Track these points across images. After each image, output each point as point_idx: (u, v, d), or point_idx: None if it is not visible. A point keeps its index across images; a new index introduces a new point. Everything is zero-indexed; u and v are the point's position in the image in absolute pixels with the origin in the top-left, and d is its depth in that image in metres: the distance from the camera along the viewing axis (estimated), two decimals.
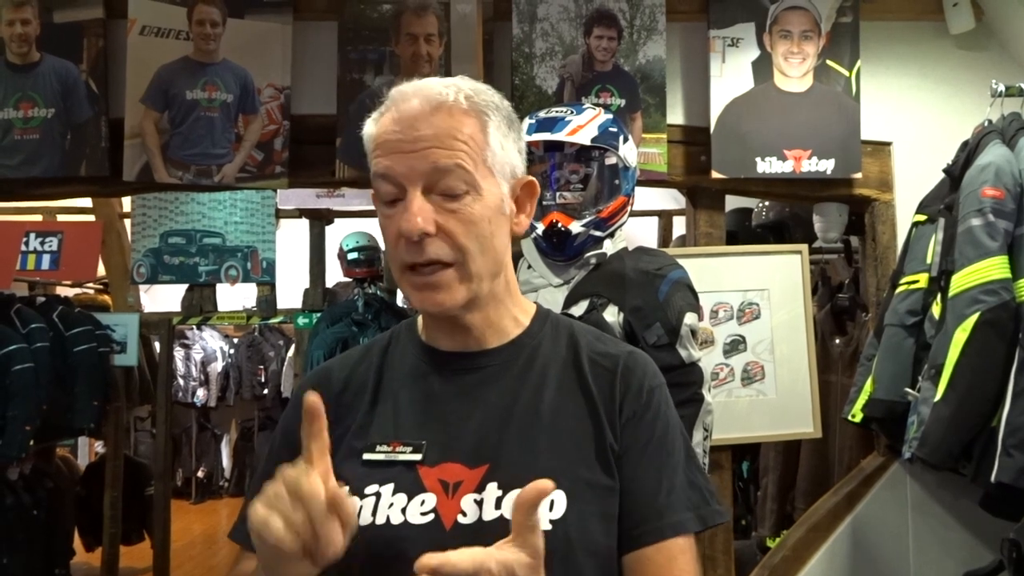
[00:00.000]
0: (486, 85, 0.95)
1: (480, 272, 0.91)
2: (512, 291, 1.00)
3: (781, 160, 2.39)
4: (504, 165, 0.93)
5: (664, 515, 0.92)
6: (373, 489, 0.91)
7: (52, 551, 3.67)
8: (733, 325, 2.44)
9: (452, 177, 0.88)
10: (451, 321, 0.96)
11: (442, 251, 0.89)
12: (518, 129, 0.97)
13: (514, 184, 0.95)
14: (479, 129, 0.90)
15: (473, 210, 0.89)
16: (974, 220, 1.94)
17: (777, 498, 3.07)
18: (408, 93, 0.91)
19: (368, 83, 2.37)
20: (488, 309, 0.96)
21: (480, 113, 0.91)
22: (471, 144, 0.89)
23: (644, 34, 2.42)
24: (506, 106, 0.96)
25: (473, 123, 0.90)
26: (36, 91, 2.32)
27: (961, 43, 2.47)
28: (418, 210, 0.87)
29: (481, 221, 0.90)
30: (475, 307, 0.94)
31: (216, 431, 6.89)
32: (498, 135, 0.92)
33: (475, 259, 0.90)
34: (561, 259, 1.79)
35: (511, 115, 0.96)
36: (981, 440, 1.89)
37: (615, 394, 0.95)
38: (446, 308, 0.91)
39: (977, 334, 1.87)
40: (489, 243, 0.91)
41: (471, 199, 0.89)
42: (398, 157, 0.88)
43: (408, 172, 0.88)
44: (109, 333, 3.56)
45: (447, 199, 0.88)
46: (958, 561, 2.27)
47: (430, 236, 0.88)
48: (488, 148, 0.90)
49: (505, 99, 0.97)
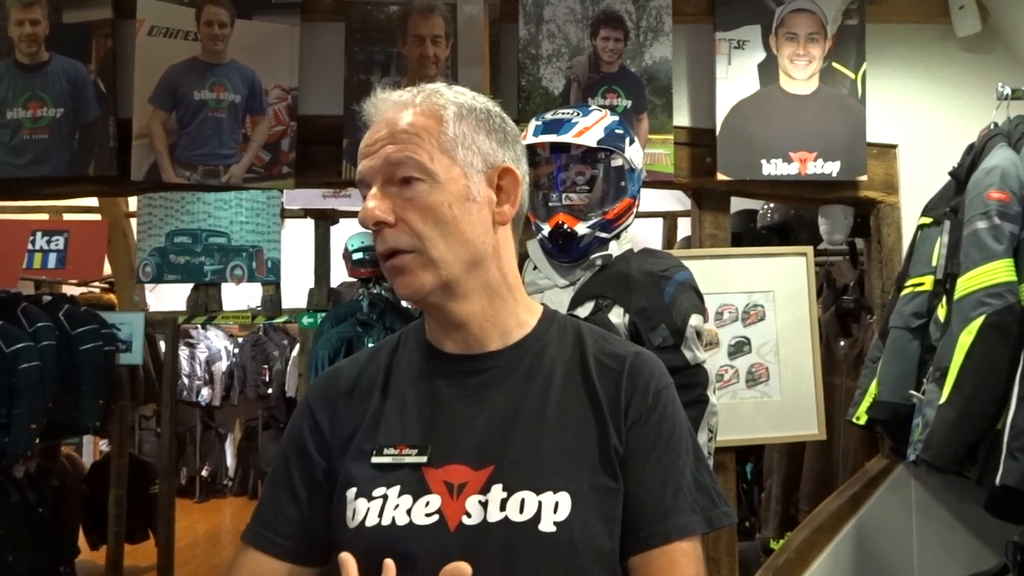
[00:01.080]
0: (460, 87, 0.99)
1: (444, 258, 0.92)
2: (514, 290, 1.00)
3: (787, 162, 2.39)
4: (469, 154, 0.94)
5: (669, 518, 0.93)
6: (380, 492, 0.91)
7: (57, 549, 3.69)
8: (738, 327, 2.44)
9: (403, 167, 0.91)
10: (444, 316, 0.97)
11: (399, 240, 0.92)
12: (499, 121, 0.98)
13: (490, 174, 0.96)
14: (435, 122, 0.93)
15: (430, 198, 0.91)
16: (980, 223, 1.94)
17: (781, 500, 3.07)
18: (376, 103, 0.96)
19: (375, 84, 2.36)
20: (481, 302, 0.96)
21: (438, 108, 0.94)
22: (423, 136, 0.92)
23: (650, 36, 2.43)
24: (479, 100, 0.98)
25: (428, 118, 0.93)
26: (45, 91, 2.33)
27: (967, 46, 2.47)
28: (373, 202, 0.92)
29: (439, 207, 0.92)
30: (459, 297, 0.95)
31: (220, 430, 6.90)
32: (461, 127, 0.94)
33: (436, 244, 0.92)
34: (567, 260, 1.80)
35: (484, 108, 0.98)
36: (986, 443, 1.88)
37: (620, 395, 0.95)
38: (415, 291, 0.93)
39: (982, 337, 1.87)
40: (453, 228, 0.92)
41: (427, 187, 0.91)
42: (364, 162, 0.94)
43: (369, 172, 0.94)
44: (114, 332, 3.58)
45: (404, 188, 0.92)
46: (962, 564, 2.27)
47: (390, 226, 0.92)
48: (445, 137, 0.93)
49: (490, 100, 1.00)
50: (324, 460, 0.98)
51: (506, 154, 0.98)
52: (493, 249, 0.97)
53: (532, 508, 0.88)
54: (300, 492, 0.99)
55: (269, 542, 0.98)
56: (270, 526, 0.99)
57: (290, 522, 0.99)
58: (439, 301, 0.95)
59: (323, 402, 1.02)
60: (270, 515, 1.00)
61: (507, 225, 0.99)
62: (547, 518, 0.87)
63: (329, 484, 0.97)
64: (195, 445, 6.69)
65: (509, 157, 0.98)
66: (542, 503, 0.88)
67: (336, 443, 0.98)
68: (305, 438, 1.00)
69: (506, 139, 0.99)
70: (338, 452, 0.97)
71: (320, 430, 1.00)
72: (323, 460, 0.98)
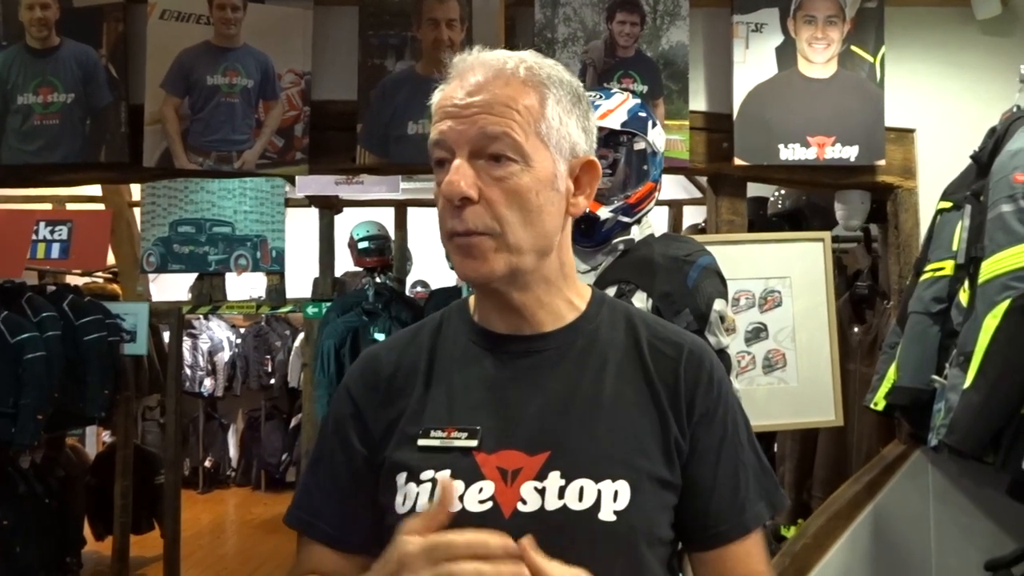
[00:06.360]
0: (553, 60, 0.94)
1: (521, 245, 0.88)
2: (568, 274, 0.97)
3: (804, 147, 2.38)
4: (561, 141, 0.90)
5: (746, 510, 0.93)
6: (429, 475, 0.89)
7: (63, 540, 3.68)
8: (755, 313, 2.43)
9: (499, 144, 0.86)
10: (501, 300, 0.93)
11: (480, 221, 0.87)
12: (586, 109, 0.95)
13: (573, 163, 0.93)
14: (537, 101, 0.88)
15: (520, 180, 0.87)
16: (1005, 206, 1.93)
17: (794, 486, 3.07)
18: (469, 62, 0.90)
19: (389, 68, 2.35)
20: (539, 290, 0.94)
21: (540, 85, 0.89)
22: (524, 114, 0.87)
23: (667, 19, 2.40)
24: (575, 84, 0.94)
25: (530, 93, 0.88)
26: (56, 76, 2.31)
27: (987, 29, 2.45)
28: (459, 173, 0.86)
29: (527, 192, 0.87)
30: (521, 285, 0.92)
31: (223, 421, 6.89)
32: (557, 109, 0.90)
33: (515, 231, 0.87)
34: (589, 245, 1.78)
35: (578, 92, 0.94)
36: (1011, 427, 1.87)
37: (680, 386, 0.93)
38: (483, 276, 0.89)
39: (1008, 321, 1.86)
40: (535, 217, 0.88)
41: (519, 168, 0.87)
42: (451, 123, 0.88)
43: (456, 137, 0.87)
44: (119, 322, 3.55)
45: (493, 166, 0.87)
46: (980, 549, 2.26)
47: (472, 203, 0.86)
48: (544, 120, 0.88)
49: (575, 77, 0.95)
50: (365, 448, 0.96)
51: (588, 142, 0.95)
52: (560, 239, 0.94)
53: (592, 496, 0.86)
54: (343, 481, 0.98)
55: (321, 532, 0.98)
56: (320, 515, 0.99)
57: (334, 512, 0.98)
58: (502, 287, 0.92)
59: (364, 388, 0.99)
60: (318, 503, 0.99)
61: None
62: (607, 507, 0.86)
63: (372, 472, 0.95)
64: (198, 436, 6.67)
65: (591, 145, 0.95)
66: (601, 491, 0.86)
67: (379, 430, 0.96)
68: (346, 425, 0.98)
69: (589, 125, 0.95)
70: (381, 439, 0.95)
71: (362, 417, 0.97)
72: (364, 448, 0.96)
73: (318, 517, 0.98)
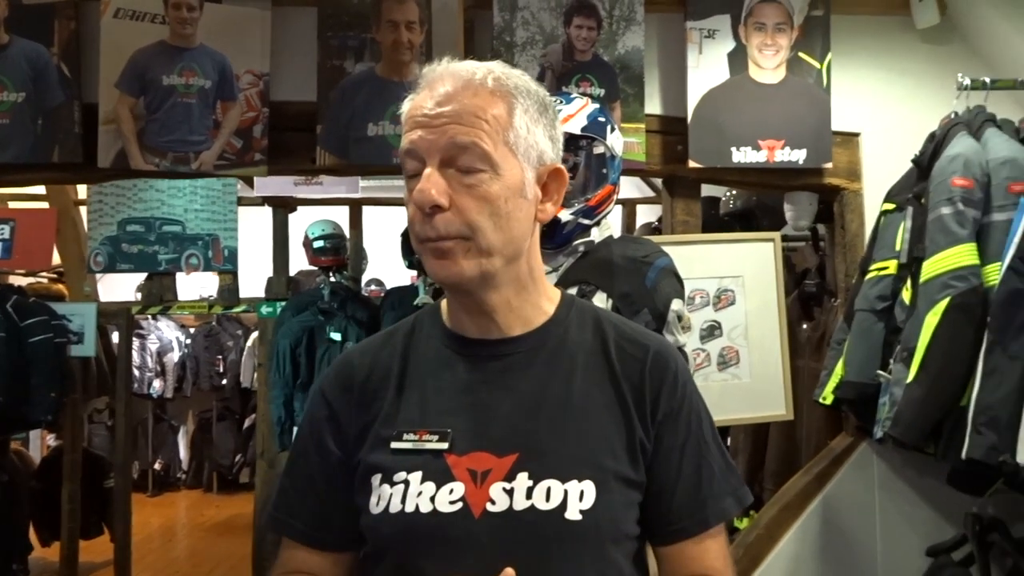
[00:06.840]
0: (520, 71, 0.96)
1: (491, 248, 0.90)
2: (537, 279, 1.00)
3: (755, 150, 2.45)
4: (529, 149, 0.93)
5: (707, 505, 0.96)
6: (401, 476, 0.92)
7: (9, 546, 3.59)
8: (709, 311, 2.49)
9: (469, 154, 0.89)
10: (472, 302, 0.96)
11: (452, 227, 0.89)
12: (552, 117, 0.97)
13: (541, 171, 0.95)
14: (505, 110, 0.91)
15: (490, 188, 0.89)
16: (944, 209, 2.02)
17: (746, 479, 3.14)
18: (439, 72, 0.93)
19: (348, 70, 2.34)
20: (508, 293, 0.96)
21: (507, 95, 0.92)
22: (492, 123, 0.89)
23: (623, 24, 2.45)
24: (541, 93, 0.96)
25: (498, 103, 0.91)
26: (5, 75, 2.24)
27: (926, 37, 2.55)
28: (431, 182, 0.88)
29: (497, 200, 0.90)
30: (493, 287, 0.94)
31: (173, 423, 6.77)
32: (525, 118, 0.92)
33: (486, 235, 0.90)
34: (550, 247, 1.81)
35: (544, 102, 0.96)
36: (951, 419, 1.97)
37: (645, 387, 0.96)
38: (455, 277, 0.91)
39: (948, 318, 1.95)
40: (504, 222, 0.91)
41: (488, 177, 0.89)
42: (421, 132, 0.90)
43: (427, 146, 0.89)
44: (65, 323, 3.47)
45: (464, 175, 0.89)
46: (922, 536, 2.36)
47: (443, 211, 0.88)
48: (511, 129, 0.91)
49: (541, 87, 0.97)
50: (340, 450, 0.98)
51: (555, 150, 0.98)
52: (528, 244, 0.97)
53: (558, 496, 0.89)
54: (318, 482, 1.00)
55: (298, 532, 1.00)
56: (297, 515, 1.01)
57: (311, 512, 1.00)
58: (473, 289, 0.94)
59: (339, 391, 1.01)
60: (294, 504, 1.01)
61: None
62: (573, 506, 0.89)
63: (347, 473, 0.97)
64: (147, 438, 6.54)
65: (557, 153, 0.98)
66: (568, 491, 0.89)
67: (353, 432, 0.98)
68: (322, 428, 1.00)
69: (556, 133, 0.98)
70: (356, 441, 0.97)
71: (337, 420, 0.99)
72: (339, 450, 0.98)
73: (295, 517, 1.00)
